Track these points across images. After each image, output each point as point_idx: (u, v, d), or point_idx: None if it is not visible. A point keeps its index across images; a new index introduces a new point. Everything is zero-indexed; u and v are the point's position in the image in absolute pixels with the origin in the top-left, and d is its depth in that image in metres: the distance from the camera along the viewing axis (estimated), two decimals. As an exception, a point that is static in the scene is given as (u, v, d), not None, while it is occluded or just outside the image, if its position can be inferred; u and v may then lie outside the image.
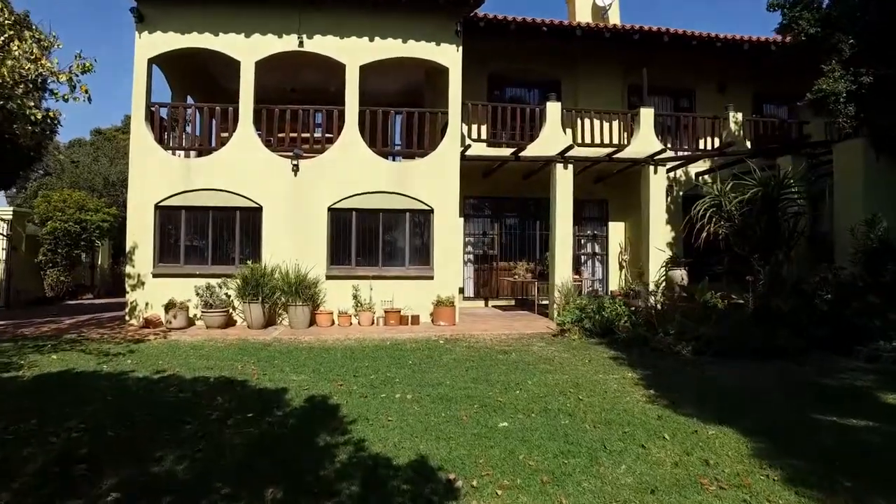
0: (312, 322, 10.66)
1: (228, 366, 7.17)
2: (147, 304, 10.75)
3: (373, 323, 10.87)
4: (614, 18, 15.62)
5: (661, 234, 12.11)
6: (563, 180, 11.78)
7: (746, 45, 13.56)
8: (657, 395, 5.93)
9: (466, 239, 14.52)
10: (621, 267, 15.09)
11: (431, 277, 11.33)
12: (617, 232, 15.11)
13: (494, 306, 14.47)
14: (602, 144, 12.93)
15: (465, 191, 12.84)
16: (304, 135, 11.73)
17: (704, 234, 10.26)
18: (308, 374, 6.76)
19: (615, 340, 8.72)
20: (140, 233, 10.84)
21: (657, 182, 12.20)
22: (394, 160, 11.59)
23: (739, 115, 14.40)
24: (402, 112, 11.50)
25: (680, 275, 11.47)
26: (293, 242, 10.96)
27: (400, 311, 10.87)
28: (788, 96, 15.90)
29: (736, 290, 10.07)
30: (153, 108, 11.21)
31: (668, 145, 13.05)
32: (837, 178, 10.31)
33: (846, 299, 8.53)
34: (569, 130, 13.06)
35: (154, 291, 10.73)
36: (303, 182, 11.09)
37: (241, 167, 10.95)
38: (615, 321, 9.09)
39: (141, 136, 10.99)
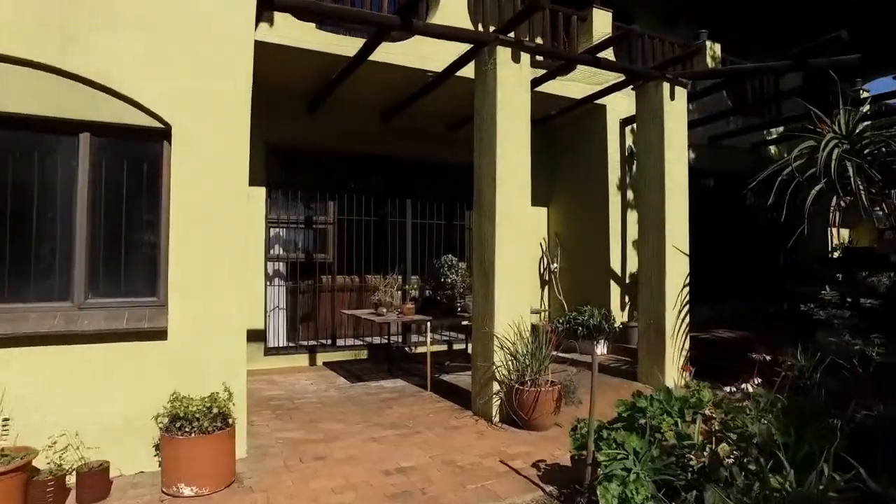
0: None
1: None
2: None
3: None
4: None
5: (680, 223, 6.07)
6: (513, 88, 5.01)
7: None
8: None
9: (271, 231, 7.19)
10: (545, 282, 9.00)
11: (163, 333, 3.70)
12: (538, 223, 8.99)
13: (329, 363, 7.31)
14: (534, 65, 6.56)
15: (267, 138, 5.76)
16: None
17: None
18: None
19: None
20: None
21: (675, 116, 6.09)
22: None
23: (717, 48, 9.32)
24: None
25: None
26: None
27: (28, 462, 3.12)
28: (753, 46, 11.48)
29: None
30: None
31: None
32: None
33: None
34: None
35: None
36: None
37: None
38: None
39: None
